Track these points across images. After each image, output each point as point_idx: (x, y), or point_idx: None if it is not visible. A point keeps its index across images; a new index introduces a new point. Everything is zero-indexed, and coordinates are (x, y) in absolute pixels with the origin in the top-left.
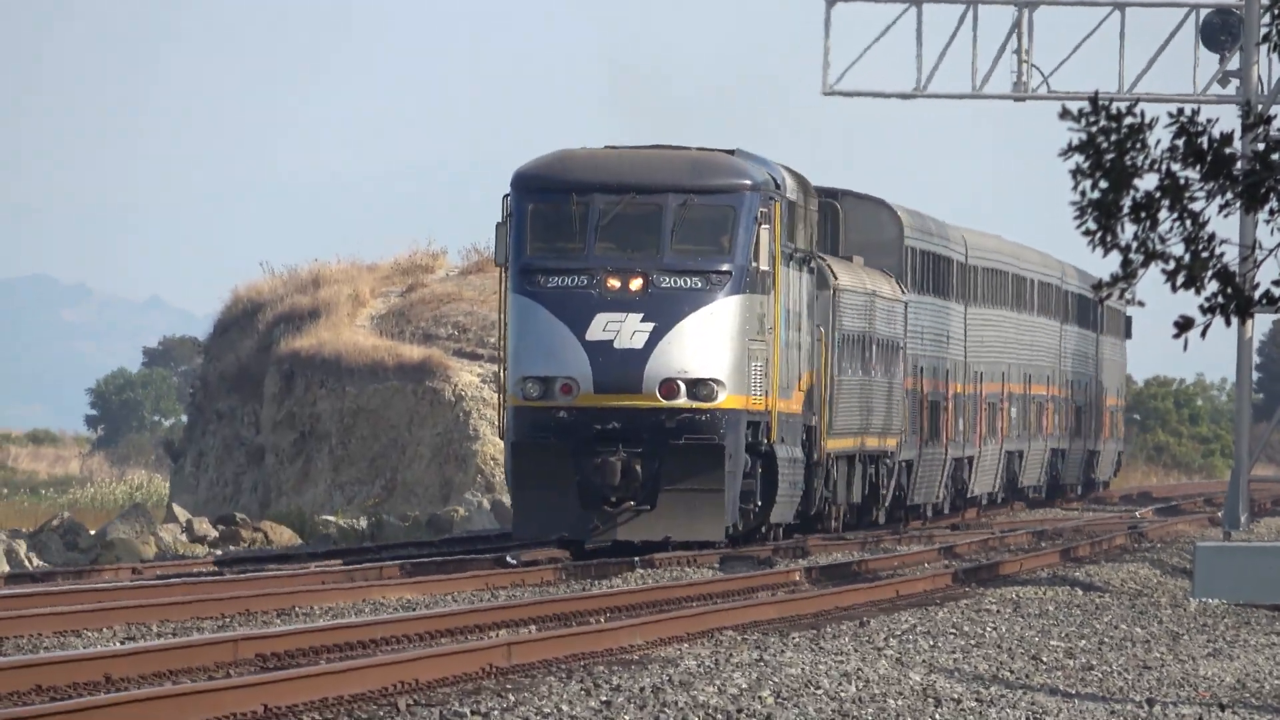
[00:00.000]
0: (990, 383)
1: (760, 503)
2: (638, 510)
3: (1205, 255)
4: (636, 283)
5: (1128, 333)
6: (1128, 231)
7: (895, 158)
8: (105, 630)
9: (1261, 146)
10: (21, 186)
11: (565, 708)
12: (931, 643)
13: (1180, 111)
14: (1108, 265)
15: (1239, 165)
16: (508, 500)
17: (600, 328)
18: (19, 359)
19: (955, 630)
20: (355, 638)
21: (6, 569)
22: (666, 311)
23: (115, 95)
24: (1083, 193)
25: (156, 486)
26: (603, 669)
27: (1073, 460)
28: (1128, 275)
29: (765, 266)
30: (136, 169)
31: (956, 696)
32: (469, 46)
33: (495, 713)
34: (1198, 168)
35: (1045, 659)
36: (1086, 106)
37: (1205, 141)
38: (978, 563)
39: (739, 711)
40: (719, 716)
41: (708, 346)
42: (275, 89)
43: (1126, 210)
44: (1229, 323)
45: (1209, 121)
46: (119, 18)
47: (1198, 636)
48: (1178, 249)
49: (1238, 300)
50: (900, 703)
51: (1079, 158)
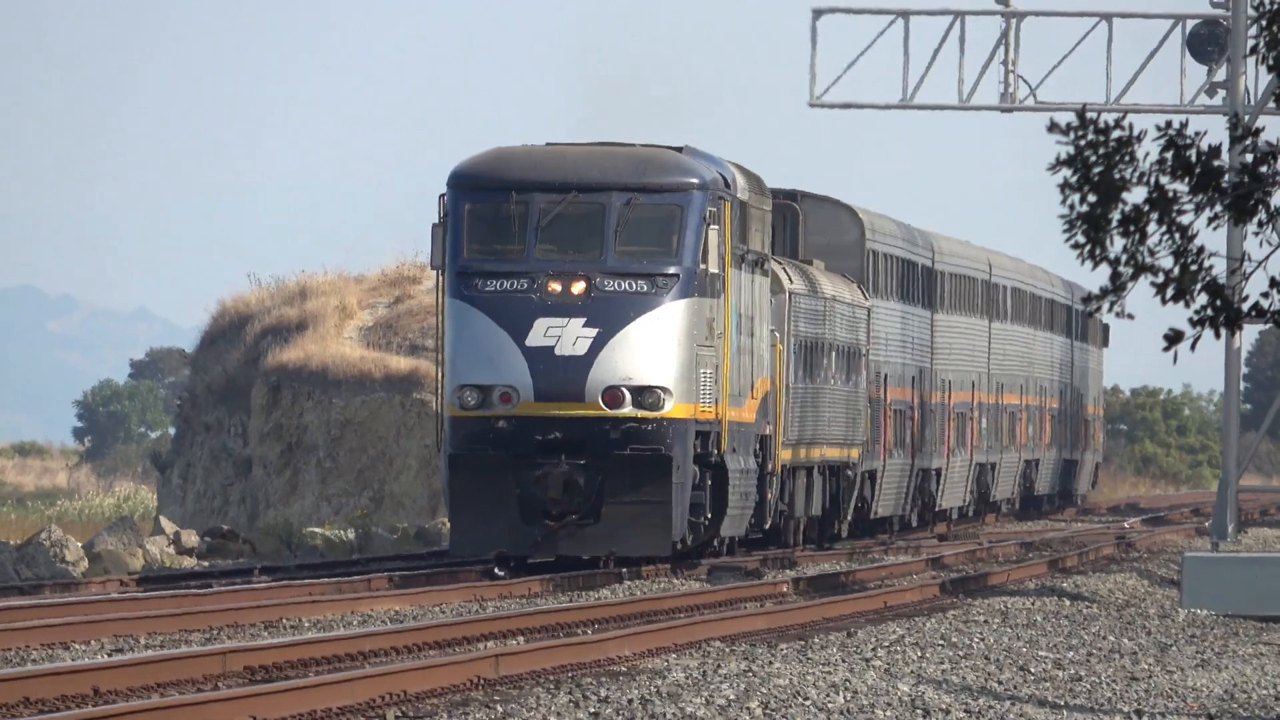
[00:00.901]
0: (959, 391)
1: (710, 516)
2: (580, 524)
3: (1194, 268)
4: (579, 286)
5: (1105, 340)
6: (1117, 244)
7: (883, 169)
8: (93, 643)
9: (1249, 159)
10: (5, 197)
11: (553, 719)
12: (920, 653)
13: (1168, 124)
14: (1092, 273)
15: (1227, 178)
16: None
17: (541, 333)
18: (4, 370)
19: (943, 641)
20: (343, 650)
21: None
22: (610, 316)
23: (99, 106)
24: (1071, 206)
25: (144, 499)
26: (591, 680)
27: (1047, 471)
28: (1117, 288)
29: (714, 269)
30: (122, 180)
31: (945, 707)
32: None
33: None
34: (1186, 181)
35: (1033, 670)
36: (1074, 120)
37: (1194, 154)
38: (965, 573)
39: None
40: None
41: (653, 353)
42: (261, 100)
43: (1115, 223)
44: (1218, 335)
45: (1197, 134)
46: (102, 27)
47: (1186, 647)
48: (1167, 262)
49: (1227, 312)
50: (888, 714)
51: (1067, 171)
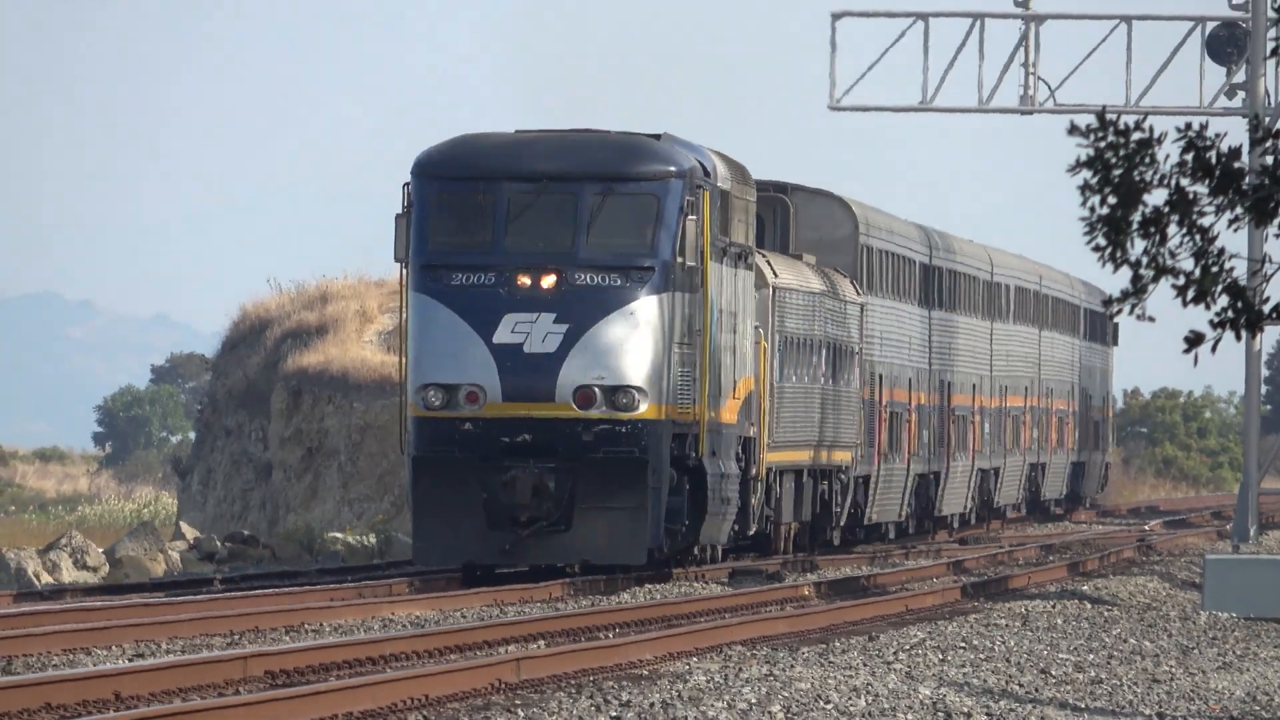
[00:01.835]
0: (960, 394)
1: (688, 522)
2: (551, 531)
3: (1215, 270)
4: (549, 280)
5: (1115, 339)
6: (1137, 247)
7: (903, 171)
8: (115, 648)
9: (1270, 161)
10: (27, 204)
11: None
12: (941, 657)
13: (1189, 126)
14: (1113, 275)
15: (1248, 180)
16: None
17: (509, 330)
18: (25, 376)
19: (964, 644)
20: (365, 654)
21: (15, 588)
22: (582, 312)
23: (120, 112)
24: (1091, 208)
25: (164, 504)
26: (612, 684)
27: (1055, 475)
28: (1138, 291)
29: (693, 262)
30: (142, 186)
31: (966, 710)
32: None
33: None
34: (1207, 183)
35: (1054, 673)
36: (1094, 122)
37: (1214, 156)
38: (986, 577)
39: None
40: None
41: (628, 350)
42: (281, 104)
43: (1136, 226)
44: (1239, 337)
45: (1217, 136)
46: (124, 34)
47: (1207, 650)
48: (1187, 264)
49: (1248, 314)
50: (910, 717)
51: (1087, 173)
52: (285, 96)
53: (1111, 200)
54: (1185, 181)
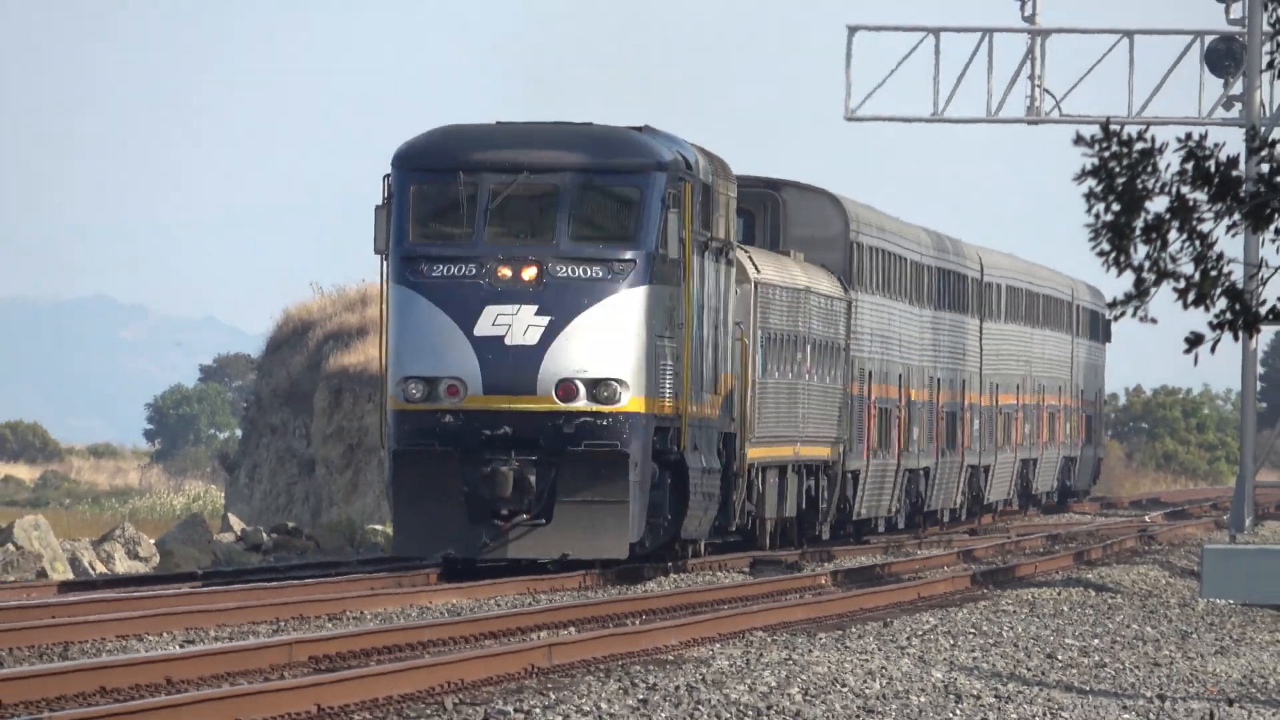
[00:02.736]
0: (949, 390)
1: (670, 516)
2: (532, 524)
3: (1214, 274)
4: (530, 272)
5: (1107, 336)
6: (1140, 252)
7: (916, 180)
8: (165, 634)
9: (1266, 169)
10: (80, 210)
11: (604, 706)
12: (952, 642)
13: (1188, 137)
14: (1117, 279)
15: (1245, 188)
16: None
17: (490, 322)
18: (80, 376)
19: (974, 630)
20: (404, 640)
21: (71, 576)
22: (563, 304)
23: (171, 122)
24: (1096, 215)
25: (212, 497)
26: (639, 669)
27: (1046, 470)
28: (1141, 294)
29: (675, 255)
30: (192, 192)
31: (976, 693)
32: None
33: (537, 711)
34: (1206, 190)
35: (1060, 657)
36: (1099, 133)
37: (1213, 165)
38: (995, 565)
39: (769, 709)
40: (750, 714)
41: (609, 343)
42: (320, 110)
43: (1138, 231)
44: (1237, 337)
45: (1216, 146)
46: (168, 40)
47: (1206, 635)
48: (1188, 268)
49: (1245, 316)
50: (923, 699)
51: (1092, 182)
52: (325, 103)
53: (1115, 207)
54: (1185, 189)
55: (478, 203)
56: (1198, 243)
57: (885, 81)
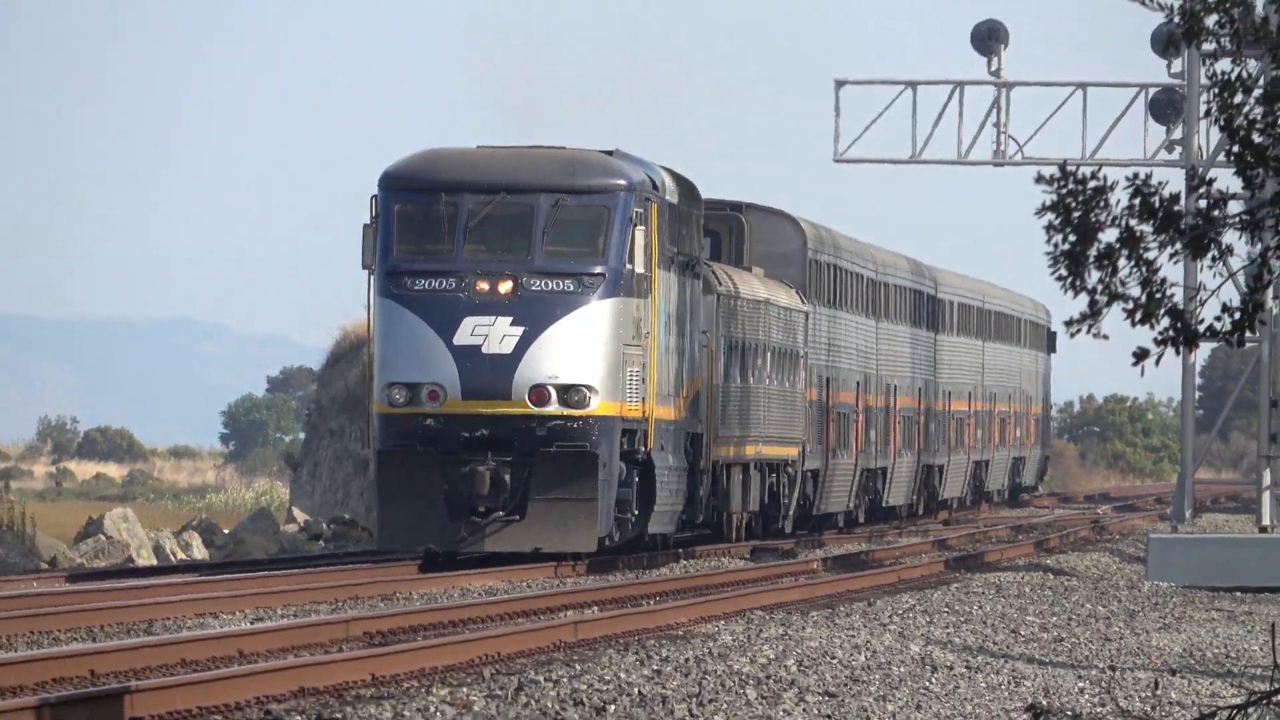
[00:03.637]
0: (905, 397)
1: (638, 512)
2: (507, 520)
3: (1158, 296)
4: (506, 285)
5: (1051, 347)
6: (1093, 277)
7: (896, 215)
8: (237, 613)
9: (1204, 204)
10: (165, 238)
11: (623, 675)
12: (928, 619)
13: (1136, 176)
14: (1073, 301)
15: (1185, 221)
16: None
17: (468, 332)
18: (163, 386)
19: (948, 609)
20: (447, 618)
21: (154, 562)
22: (537, 315)
23: (246, 162)
24: (1055, 245)
25: (279, 493)
26: (654, 643)
27: (998, 470)
28: (1095, 314)
29: (641, 269)
30: (265, 221)
31: (949, 664)
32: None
33: (564, 680)
34: (1151, 223)
35: (1023, 632)
36: (1057, 173)
37: (1157, 201)
38: (966, 552)
39: (768, 678)
40: (751, 683)
41: (580, 351)
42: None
43: (1092, 259)
44: (1178, 352)
45: (1160, 184)
46: (235, 73)
47: (1151, 614)
48: (1135, 291)
49: (1186, 334)
50: (902, 670)
51: (1051, 216)
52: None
53: (1072, 238)
54: (1133, 222)
55: (457, 221)
56: (1144, 269)
57: (869, 128)
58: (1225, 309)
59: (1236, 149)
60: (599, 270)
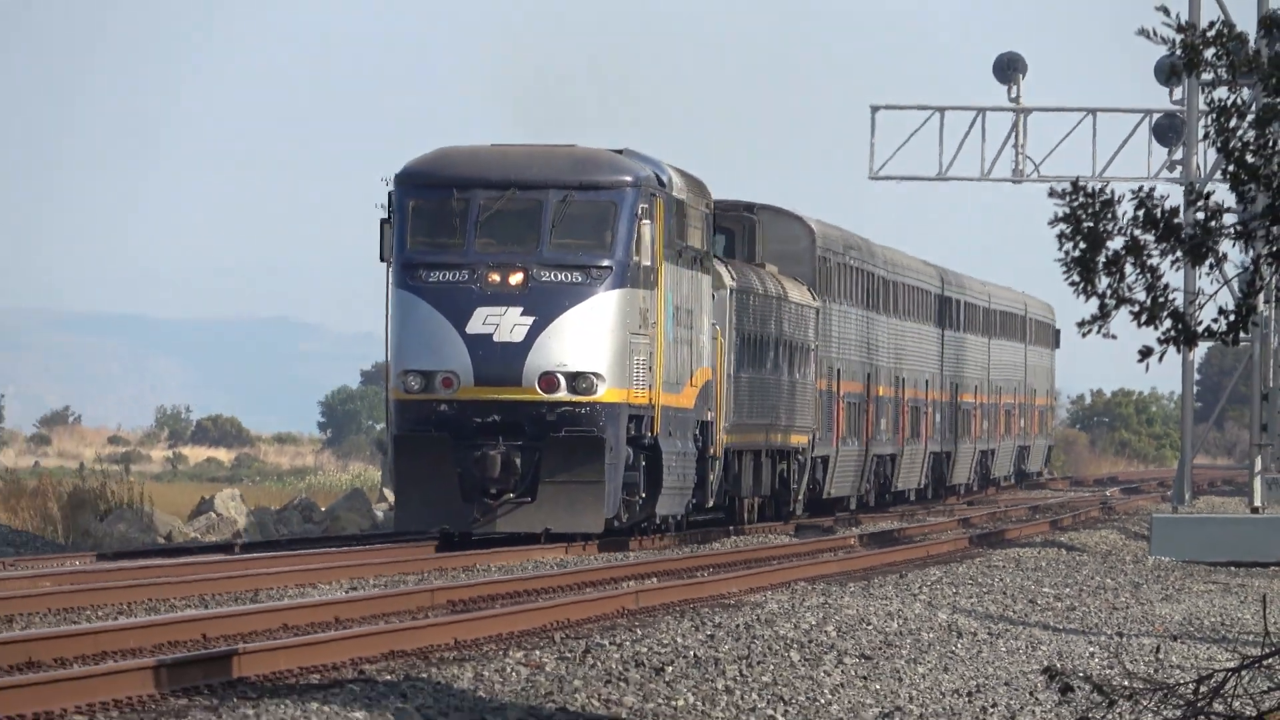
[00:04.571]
0: (913, 389)
1: (644, 495)
2: (518, 502)
3: (1161, 300)
4: (516, 277)
5: (1056, 343)
6: (1102, 282)
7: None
8: (334, 583)
9: (1201, 216)
10: (270, 245)
11: (679, 639)
12: (954, 590)
13: (1140, 190)
14: (1084, 304)
15: (1184, 231)
16: None
17: (480, 321)
18: (268, 379)
19: (972, 581)
20: (522, 588)
21: (259, 537)
22: (546, 305)
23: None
24: (1067, 253)
25: (371, 475)
26: (707, 610)
27: (1004, 458)
28: (1104, 316)
29: (648, 261)
30: (358, 227)
31: (973, 630)
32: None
33: (627, 643)
34: (1154, 233)
35: (1039, 602)
36: (1069, 188)
37: (1159, 213)
38: (988, 530)
39: (810, 642)
40: (794, 646)
41: (587, 340)
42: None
43: (1101, 266)
44: (1179, 351)
45: (1162, 198)
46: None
47: (1154, 585)
48: (1140, 295)
49: (1186, 334)
50: (931, 635)
51: (1064, 226)
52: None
53: (1082, 246)
54: (1138, 232)
55: (470, 216)
56: (1148, 275)
57: (901, 149)
58: (1221, 311)
59: (1231, 168)
60: (606, 262)
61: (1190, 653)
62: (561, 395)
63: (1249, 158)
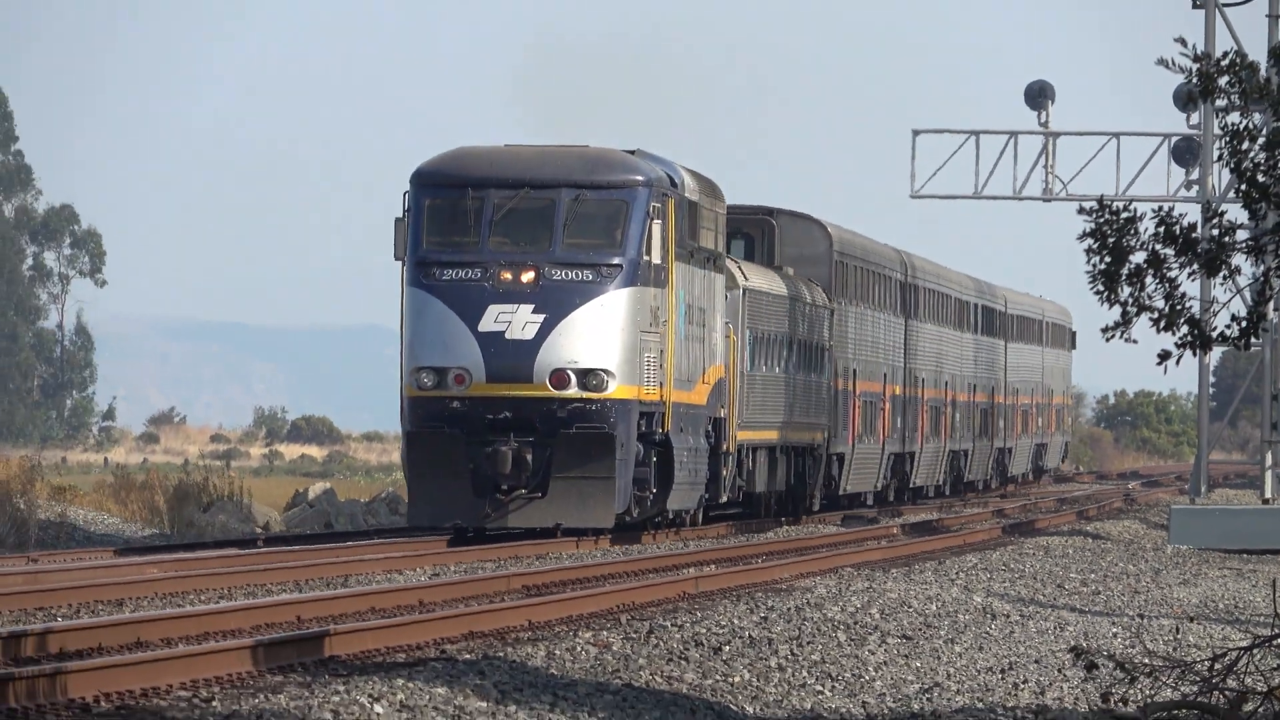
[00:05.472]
0: (932, 389)
1: (656, 490)
2: (529, 498)
3: (1179, 308)
4: (528, 275)
5: (1073, 344)
6: (1125, 292)
7: (961, 241)
8: (419, 569)
9: (1216, 232)
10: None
11: (736, 621)
12: (989, 575)
13: (1160, 208)
14: (1108, 311)
15: (1201, 246)
16: None
17: (492, 319)
18: (357, 382)
19: (1005, 567)
20: (590, 574)
21: (350, 528)
22: (557, 303)
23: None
24: (1094, 265)
25: None
26: (762, 594)
27: (1020, 455)
28: (1126, 323)
29: (659, 260)
30: None
31: (1006, 612)
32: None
33: (687, 624)
34: (1173, 247)
35: (1067, 586)
36: (1095, 205)
37: (1178, 229)
38: (1019, 520)
39: (855, 624)
40: (842, 627)
41: (598, 337)
42: None
43: (1124, 277)
44: (1195, 354)
45: (1180, 215)
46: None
47: (1173, 571)
48: (1160, 304)
49: (1201, 339)
50: (967, 617)
51: (1091, 241)
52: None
53: (1107, 259)
54: (1158, 247)
55: (483, 214)
56: (1167, 285)
57: (940, 170)
58: (1234, 319)
59: (1244, 187)
60: (617, 261)
61: (1206, 633)
62: (572, 392)
63: (1260, 178)
